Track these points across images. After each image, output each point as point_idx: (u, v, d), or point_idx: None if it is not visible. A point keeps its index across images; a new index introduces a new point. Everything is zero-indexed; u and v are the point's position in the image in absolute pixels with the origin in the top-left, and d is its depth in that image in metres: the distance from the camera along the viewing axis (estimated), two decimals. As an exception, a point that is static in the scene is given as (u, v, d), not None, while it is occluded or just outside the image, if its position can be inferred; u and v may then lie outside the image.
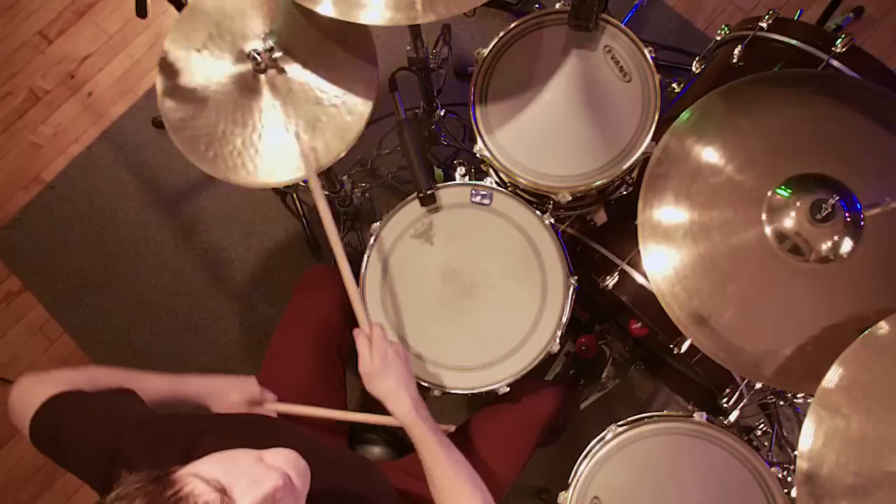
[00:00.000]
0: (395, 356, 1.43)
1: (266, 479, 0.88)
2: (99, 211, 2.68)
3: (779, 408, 2.17)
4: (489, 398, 1.73)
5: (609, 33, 1.70)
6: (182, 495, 0.81)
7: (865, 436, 1.20)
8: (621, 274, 1.73)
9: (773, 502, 1.53)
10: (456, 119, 2.50)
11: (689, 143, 1.53)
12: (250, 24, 1.60)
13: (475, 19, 2.71)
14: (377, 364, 1.41)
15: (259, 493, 0.86)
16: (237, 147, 1.58)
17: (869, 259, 1.43)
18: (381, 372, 1.40)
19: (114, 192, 2.69)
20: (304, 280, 1.86)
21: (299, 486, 0.93)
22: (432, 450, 1.32)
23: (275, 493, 0.87)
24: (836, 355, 1.26)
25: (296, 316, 1.77)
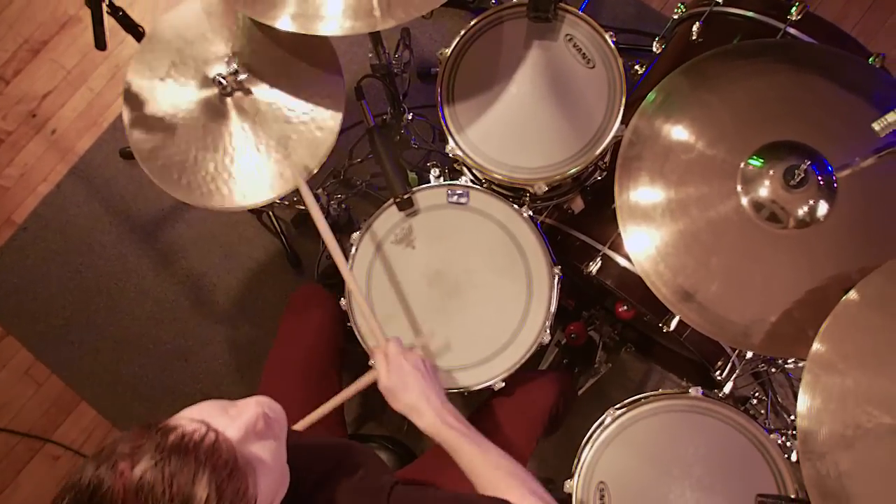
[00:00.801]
0: (412, 368, 1.38)
1: (245, 412, 0.95)
2: (75, 248, 2.65)
3: (771, 375, 2.19)
4: (485, 395, 1.74)
5: (569, 22, 1.71)
6: (171, 427, 0.87)
7: (862, 390, 1.21)
8: (604, 258, 1.74)
9: (776, 468, 1.54)
10: (424, 121, 2.50)
11: (657, 123, 1.54)
12: (212, 49, 1.59)
13: (433, 21, 2.72)
14: (395, 379, 1.36)
15: (241, 422, 0.93)
16: (210, 172, 1.57)
17: (845, 220, 1.45)
18: (401, 387, 1.36)
19: (88, 228, 2.67)
20: (293, 301, 1.86)
21: (276, 418, 1.01)
22: (465, 453, 1.28)
23: (256, 422, 0.94)
24: (823, 317, 1.28)
25: (288, 338, 1.77)
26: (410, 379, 1.36)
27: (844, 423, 1.21)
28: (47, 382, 2.59)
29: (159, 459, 0.83)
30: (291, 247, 2.53)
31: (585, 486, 1.58)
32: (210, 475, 0.84)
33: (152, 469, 0.82)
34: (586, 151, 1.67)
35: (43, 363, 2.60)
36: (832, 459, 1.21)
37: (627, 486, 1.58)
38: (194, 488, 0.83)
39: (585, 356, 2.33)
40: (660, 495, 1.57)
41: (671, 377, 2.39)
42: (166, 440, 0.85)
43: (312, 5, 1.43)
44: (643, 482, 1.58)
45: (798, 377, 2.19)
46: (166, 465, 0.82)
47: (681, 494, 1.56)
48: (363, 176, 2.51)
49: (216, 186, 1.57)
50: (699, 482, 1.56)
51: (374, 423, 2.45)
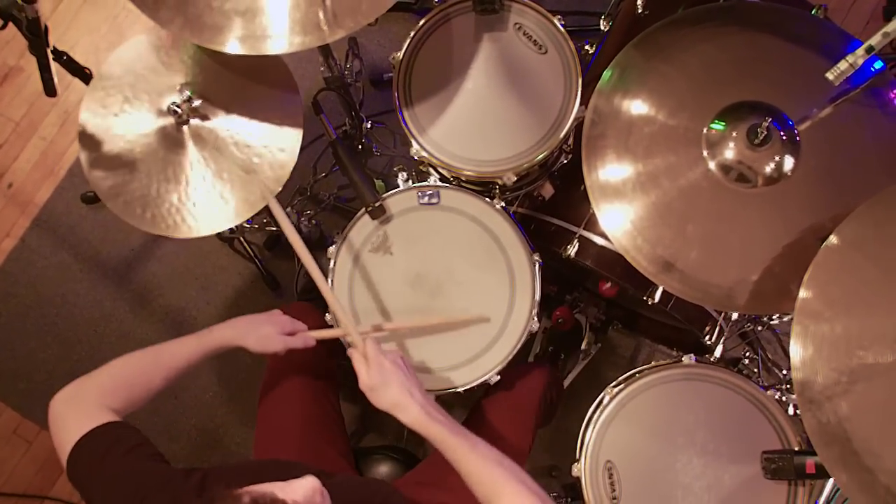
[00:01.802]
0: (392, 365, 1.37)
1: (304, 485, 1.02)
2: (48, 300, 2.62)
3: (758, 334, 2.21)
4: (481, 391, 1.74)
5: (515, 10, 1.71)
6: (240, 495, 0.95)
7: (851, 334, 1.23)
8: (580, 240, 1.74)
9: (776, 424, 1.56)
10: (383, 128, 2.50)
11: (616, 99, 1.55)
12: (164, 80, 1.57)
13: (379, 27, 2.71)
14: (376, 378, 1.36)
15: (302, 492, 1.00)
16: (174, 203, 1.55)
17: (812, 171, 1.47)
18: (382, 384, 1.35)
19: (59, 278, 2.63)
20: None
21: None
22: (455, 449, 1.28)
23: (314, 495, 1.02)
24: (803, 269, 1.29)
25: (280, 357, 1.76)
26: (391, 376, 1.36)
27: (838, 369, 1.22)
28: (37, 439, 2.55)
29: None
30: (267, 269, 2.51)
31: (593, 467, 1.59)
32: None
33: None
34: (550, 136, 1.67)
35: (31, 421, 2.56)
36: (831, 406, 1.23)
37: (634, 462, 1.59)
38: None
39: (573, 340, 2.34)
40: (667, 466, 1.58)
41: (661, 349, 2.41)
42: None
43: (259, 26, 1.42)
44: (649, 455, 1.59)
45: (784, 332, 2.23)
46: None
47: (688, 462, 1.57)
48: (330, 190, 2.50)
49: (182, 217, 1.55)
50: (704, 448, 1.57)
51: (374, 433, 2.44)
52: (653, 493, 1.57)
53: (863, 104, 1.50)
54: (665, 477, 1.57)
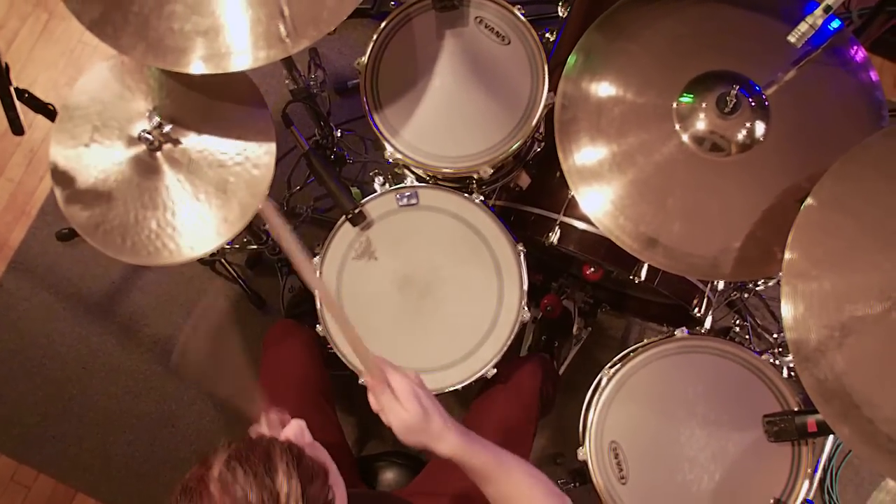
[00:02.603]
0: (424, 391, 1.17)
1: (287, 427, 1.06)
2: (33, 342, 2.58)
3: (745, 301, 2.23)
4: (479, 387, 1.74)
5: (475, 4, 1.72)
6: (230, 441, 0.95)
7: (839, 289, 1.25)
8: (561, 226, 1.75)
9: (774, 387, 1.57)
10: (353, 135, 2.50)
11: (584, 83, 1.56)
12: (132, 106, 1.56)
13: (338, 35, 2.70)
14: (416, 410, 1.13)
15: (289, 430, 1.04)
16: (153, 230, 1.54)
17: (784, 134, 1.49)
18: (425, 417, 1.13)
19: (42, 319, 2.60)
20: (269, 341, 1.84)
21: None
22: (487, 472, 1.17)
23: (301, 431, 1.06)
24: (785, 232, 1.31)
25: (272, 374, 1.75)
26: (428, 402, 1.16)
27: (830, 325, 1.24)
28: (36, 484, 2.51)
29: (233, 454, 0.90)
30: (251, 288, 2.50)
31: (598, 449, 1.59)
32: (282, 454, 0.91)
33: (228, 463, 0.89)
34: (522, 125, 1.68)
35: (27, 465, 2.52)
36: (827, 362, 1.24)
37: (638, 439, 1.60)
38: (274, 461, 0.90)
39: (564, 327, 2.35)
40: (671, 440, 1.59)
41: (651, 326, 2.42)
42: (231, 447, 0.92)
43: (221, 44, 1.41)
44: (652, 431, 1.60)
45: (771, 297, 2.25)
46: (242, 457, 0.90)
47: (691, 434, 1.58)
48: (307, 202, 2.49)
49: (162, 243, 1.55)
50: (705, 418, 1.59)
51: (375, 440, 2.43)
52: (660, 468, 1.58)
53: (825, 63, 1.52)
54: (670, 451, 1.58)
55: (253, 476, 0.87)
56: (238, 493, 0.86)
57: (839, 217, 1.29)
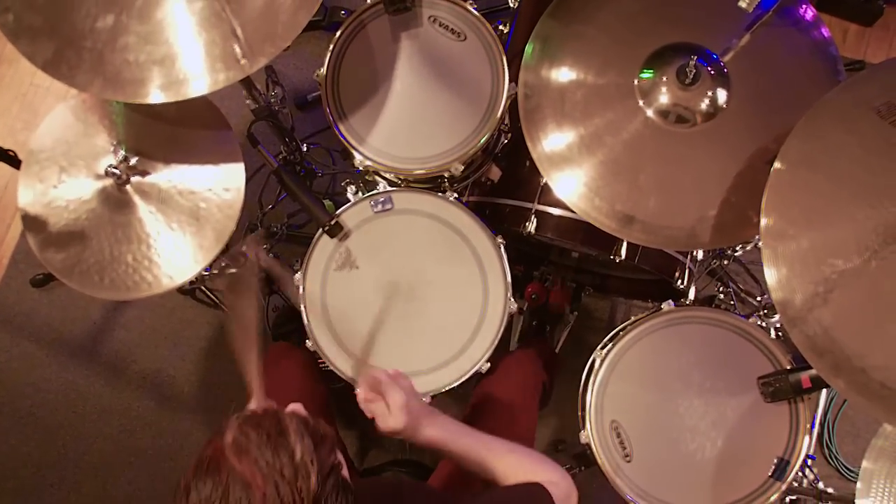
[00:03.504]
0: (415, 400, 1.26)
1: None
2: (19, 392, 2.55)
3: (725, 268, 2.25)
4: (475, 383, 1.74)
5: (427, 4, 1.72)
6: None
7: (818, 246, 1.26)
8: (537, 214, 1.75)
9: (764, 348, 1.59)
10: (319, 147, 2.49)
11: (544, 71, 1.57)
12: (97, 143, 1.55)
13: (292, 51, 2.67)
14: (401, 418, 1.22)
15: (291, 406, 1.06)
16: (130, 264, 1.53)
17: (746, 99, 1.51)
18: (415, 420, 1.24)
19: (26, 369, 2.56)
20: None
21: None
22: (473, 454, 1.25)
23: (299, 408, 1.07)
24: (758, 195, 1.33)
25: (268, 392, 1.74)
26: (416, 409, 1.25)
27: (814, 282, 1.26)
28: (38, 536, 2.48)
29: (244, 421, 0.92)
30: (235, 313, 2.48)
31: (600, 430, 1.60)
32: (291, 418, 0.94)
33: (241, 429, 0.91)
34: (488, 118, 1.68)
35: (27, 518, 2.49)
36: (814, 319, 1.26)
37: (638, 416, 1.61)
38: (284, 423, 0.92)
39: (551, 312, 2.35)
40: (670, 413, 1.60)
41: (636, 304, 2.44)
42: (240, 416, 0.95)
43: (178, 70, 1.40)
44: (651, 406, 1.61)
45: (750, 261, 2.28)
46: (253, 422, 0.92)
47: (689, 405, 1.60)
48: (280, 220, 2.48)
49: (140, 276, 1.54)
50: (701, 387, 1.60)
51: (376, 450, 2.42)
52: (662, 441, 1.59)
53: (777, 25, 1.55)
54: (671, 423, 1.59)
55: (266, 437, 0.89)
56: (255, 454, 0.87)
57: (809, 174, 1.31)
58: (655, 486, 1.58)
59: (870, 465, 1.48)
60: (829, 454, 2.38)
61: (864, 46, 2.71)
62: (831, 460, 2.38)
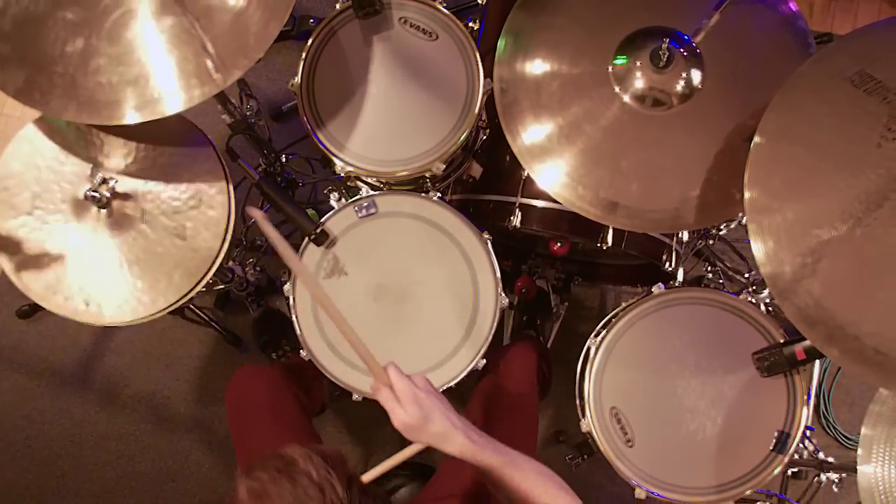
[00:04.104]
0: (426, 394, 1.20)
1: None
2: (13, 426, 2.52)
3: (711, 248, 2.26)
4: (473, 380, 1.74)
5: (396, 6, 1.72)
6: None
7: (802, 217, 1.28)
8: (521, 208, 1.75)
9: (756, 323, 1.60)
10: (298, 157, 2.48)
11: (518, 65, 1.58)
12: (72, 168, 1.54)
13: (263, 63, 2.69)
14: (415, 413, 1.17)
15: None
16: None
17: (720, 77, 1.52)
18: (424, 418, 1.17)
19: (18, 401, 2.54)
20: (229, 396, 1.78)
21: None
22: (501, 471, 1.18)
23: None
24: (739, 172, 1.34)
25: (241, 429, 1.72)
26: (429, 404, 1.19)
27: (801, 253, 1.27)
28: (42, 571, 2.46)
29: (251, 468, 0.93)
30: (225, 328, 2.47)
31: (600, 418, 1.61)
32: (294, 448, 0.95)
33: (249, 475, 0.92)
34: (465, 116, 1.68)
35: (31, 553, 2.47)
36: (804, 290, 1.27)
37: (637, 400, 1.61)
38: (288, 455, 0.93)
39: (542, 306, 2.36)
40: (669, 394, 1.61)
41: (625, 290, 2.45)
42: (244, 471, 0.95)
43: (152, 89, 1.39)
44: (649, 390, 1.62)
45: (734, 238, 2.29)
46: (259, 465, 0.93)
47: (686, 385, 1.60)
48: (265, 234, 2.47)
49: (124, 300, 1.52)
50: (697, 367, 1.61)
51: (376, 456, 2.42)
52: (663, 424, 1.60)
53: (746, 2, 1.56)
54: (670, 405, 1.60)
55: (277, 472, 0.90)
56: (275, 492, 0.89)
57: (788, 147, 1.32)
58: (659, 468, 1.58)
59: (869, 431, 1.49)
60: (826, 424, 2.40)
61: (830, 19, 2.73)
62: (829, 430, 2.40)
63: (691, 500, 1.57)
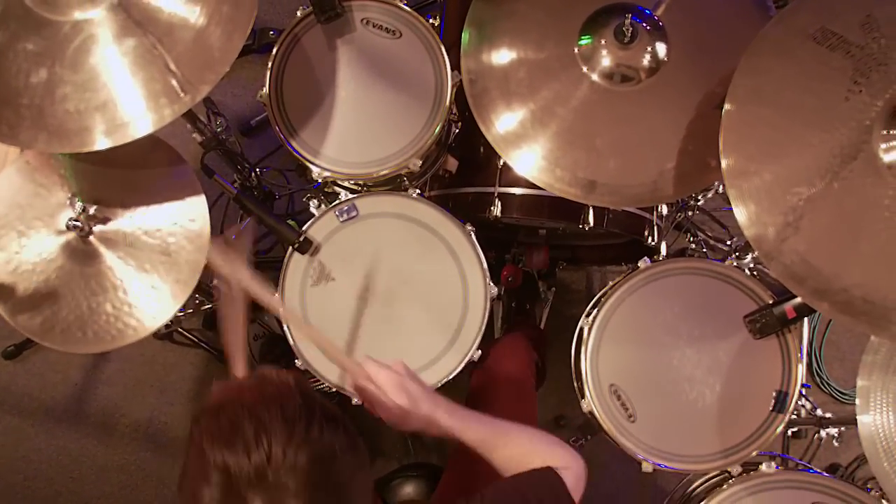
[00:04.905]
0: (409, 378, 1.24)
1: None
2: (10, 468, 2.50)
3: (691, 220, 2.28)
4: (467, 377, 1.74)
5: (357, 8, 1.71)
6: None
7: (780, 177, 1.29)
8: (500, 197, 1.76)
9: (744, 287, 1.62)
10: (272, 170, 2.48)
11: (484, 55, 1.58)
12: (52, 200, 1.52)
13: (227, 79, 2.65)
14: (403, 399, 1.20)
15: None
16: (110, 313, 1.51)
17: (685, 48, 1.54)
18: (413, 403, 1.20)
19: (13, 443, 2.51)
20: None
21: None
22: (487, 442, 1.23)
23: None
24: (713, 140, 1.35)
25: None
26: (413, 387, 1.22)
27: (783, 213, 1.28)
28: None
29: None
30: (216, 348, 2.46)
31: (600, 396, 1.62)
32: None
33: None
34: (437, 109, 1.69)
35: None
36: (789, 249, 1.29)
37: (635, 376, 1.63)
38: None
39: (530, 291, 2.37)
40: (665, 366, 1.62)
41: (610, 269, 2.46)
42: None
43: (120, 113, 1.38)
44: (645, 364, 1.63)
45: (713, 208, 2.31)
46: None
47: (682, 356, 1.62)
48: (245, 249, 2.46)
49: (123, 323, 1.51)
50: (690, 336, 1.62)
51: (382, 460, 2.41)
52: (663, 396, 1.61)
53: (701, -29, 1.58)
54: (668, 377, 1.61)
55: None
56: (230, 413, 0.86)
57: (759, 110, 1.34)
58: (663, 440, 1.60)
59: (865, 381, 1.51)
60: (820, 382, 2.43)
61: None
62: (824, 387, 2.43)
63: (698, 468, 1.59)
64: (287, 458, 0.82)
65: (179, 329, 2.43)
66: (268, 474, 0.81)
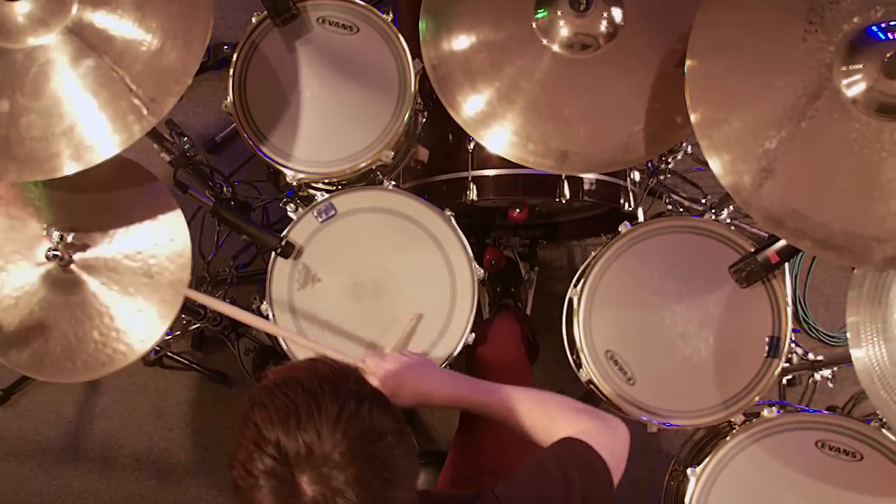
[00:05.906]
0: (398, 365, 1.35)
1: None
2: (12, 511, 2.47)
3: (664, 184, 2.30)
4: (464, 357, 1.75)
5: (312, 7, 1.72)
6: None
7: (749, 122, 1.32)
8: (474, 181, 1.77)
9: (725, 239, 1.63)
10: (243, 183, 2.47)
11: (444, 42, 1.59)
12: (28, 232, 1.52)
13: (186, 99, 2.66)
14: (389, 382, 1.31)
15: None
16: (98, 340, 1.51)
17: (641, 11, 1.56)
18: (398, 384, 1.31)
19: (12, 488, 2.48)
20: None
21: None
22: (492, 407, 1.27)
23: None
24: (679, 96, 1.38)
25: None
26: (399, 371, 1.33)
27: (756, 158, 1.31)
28: None
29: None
30: (208, 368, 2.45)
31: (597, 363, 1.62)
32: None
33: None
34: (403, 98, 1.70)
35: None
36: (767, 193, 1.31)
37: (630, 339, 1.64)
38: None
39: (513, 274, 2.37)
40: (658, 326, 1.63)
41: (590, 242, 2.48)
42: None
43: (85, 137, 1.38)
44: (638, 326, 1.64)
45: (684, 170, 2.33)
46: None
47: (673, 314, 1.63)
48: (226, 264, 2.44)
49: (112, 349, 1.51)
50: (678, 293, 1.64)
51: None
52: (659, 355, 1.62)
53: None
54: (661, 336, 1.63)
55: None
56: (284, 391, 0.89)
57: (721, 60, 1.36)
58: (664, 399, 1.61)
59: (854, 317, 1.52)
60: (808, 328, 2.46)
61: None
62: (812, 332, 2.46)
63: (701, 422, 1.61)
64: (336, 432, 0.85)
65: (169, 353, 2.41)
66: (315, 449, 0.84)
